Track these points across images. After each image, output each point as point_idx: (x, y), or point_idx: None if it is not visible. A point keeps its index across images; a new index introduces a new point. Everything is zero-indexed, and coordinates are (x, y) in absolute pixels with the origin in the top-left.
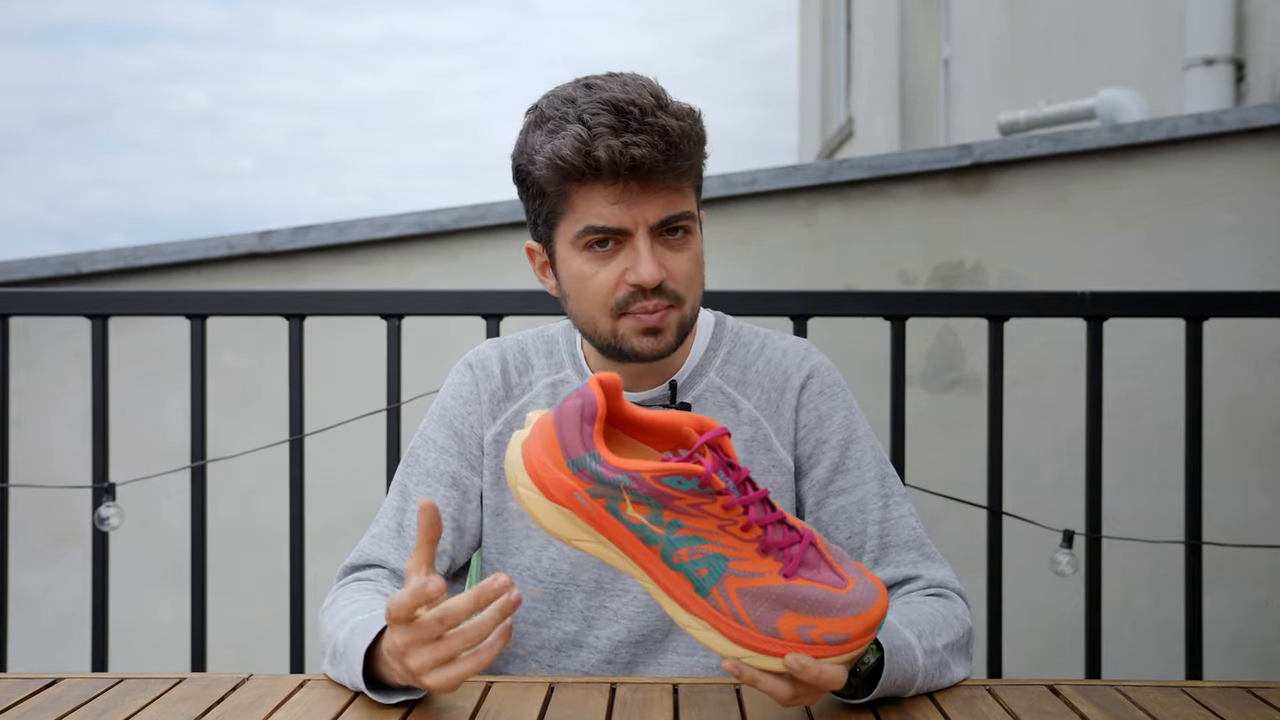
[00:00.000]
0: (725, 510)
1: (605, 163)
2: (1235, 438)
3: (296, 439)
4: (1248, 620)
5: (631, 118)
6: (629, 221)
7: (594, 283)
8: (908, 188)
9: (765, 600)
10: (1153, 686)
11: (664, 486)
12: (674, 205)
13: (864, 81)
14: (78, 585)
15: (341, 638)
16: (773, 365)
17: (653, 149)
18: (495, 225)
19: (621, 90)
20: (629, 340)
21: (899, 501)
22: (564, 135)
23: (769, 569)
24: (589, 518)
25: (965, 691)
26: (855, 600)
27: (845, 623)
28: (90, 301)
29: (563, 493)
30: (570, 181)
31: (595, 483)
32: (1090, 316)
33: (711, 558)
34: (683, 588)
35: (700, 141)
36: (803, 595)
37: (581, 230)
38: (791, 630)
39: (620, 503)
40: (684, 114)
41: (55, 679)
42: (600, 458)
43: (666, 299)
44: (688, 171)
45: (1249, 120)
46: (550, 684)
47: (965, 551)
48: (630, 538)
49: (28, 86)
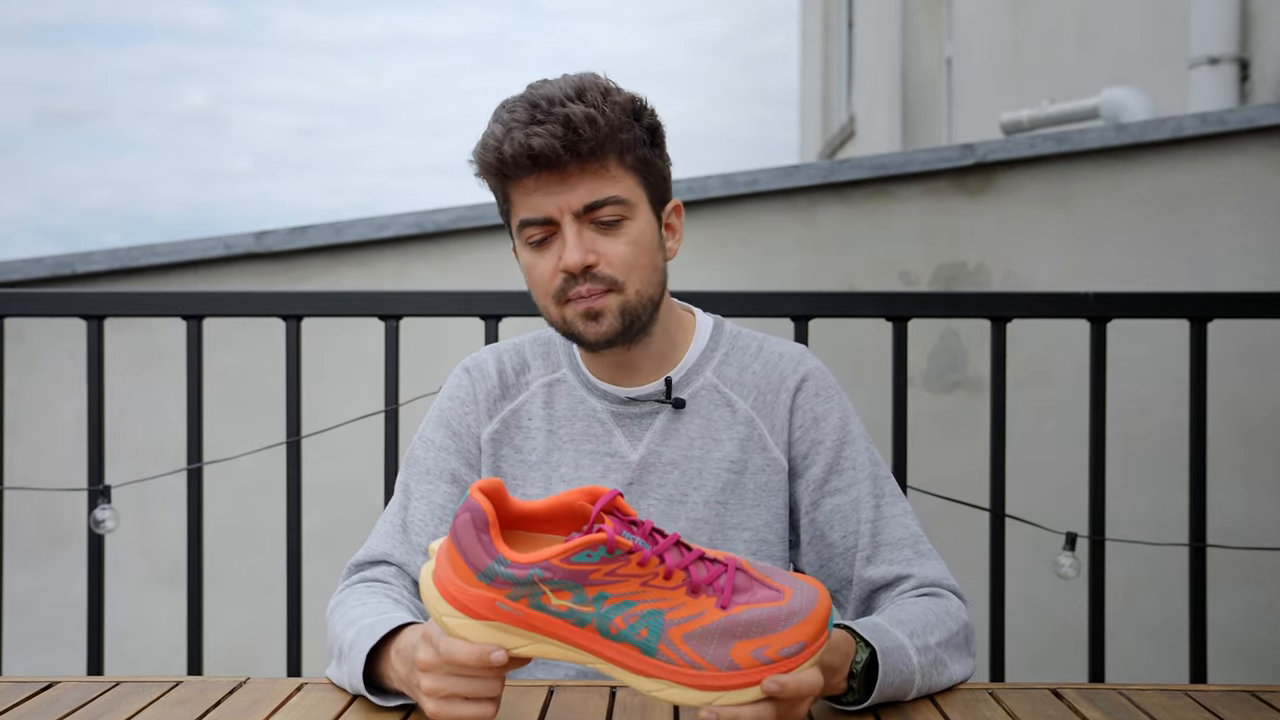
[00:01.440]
0: (642, 566)
1: (509, 156)
2: (1239, 439)
3: (294, 441)
4: (1252, 623)
5: (539, 109)
6: (553, 210)
7: (536, 273)
8: (910, 188)
9: (712, 637)
10: (1156, 690)
11: (576, 565)
12: (596, 190)
13: (865, 80)
14: (73, 588)
15: (349, 639)
16: (769, 367)
17: (550, 137)
18: (494, 225)
19: (551, 86)
20: (575, 325)
21: (892, 501)
22: (485, 135)
23: (705, 606)
24: (519, 621)
25: (967, 695)
26: (797, 607)
27: (795, 632)
28: (86, 302)
29: (485, 607)
30: (498, 179)
31: (511, 585)
32: (1093, 317)
33: (646, 616)
34: (631, 655)
35: (621, 127)
36: (745, 620)
37: (519, 224)
38: (747, 657)
39: (542, 596)
40: (606, 100)
41: (50, 682)
42: (506, 560)
43: (601, 284)
44: (601, 154)
45: (1254, 120)
46: (550, 687)
47: (967, 554)
48: (564, 626)
49: (24, 85)
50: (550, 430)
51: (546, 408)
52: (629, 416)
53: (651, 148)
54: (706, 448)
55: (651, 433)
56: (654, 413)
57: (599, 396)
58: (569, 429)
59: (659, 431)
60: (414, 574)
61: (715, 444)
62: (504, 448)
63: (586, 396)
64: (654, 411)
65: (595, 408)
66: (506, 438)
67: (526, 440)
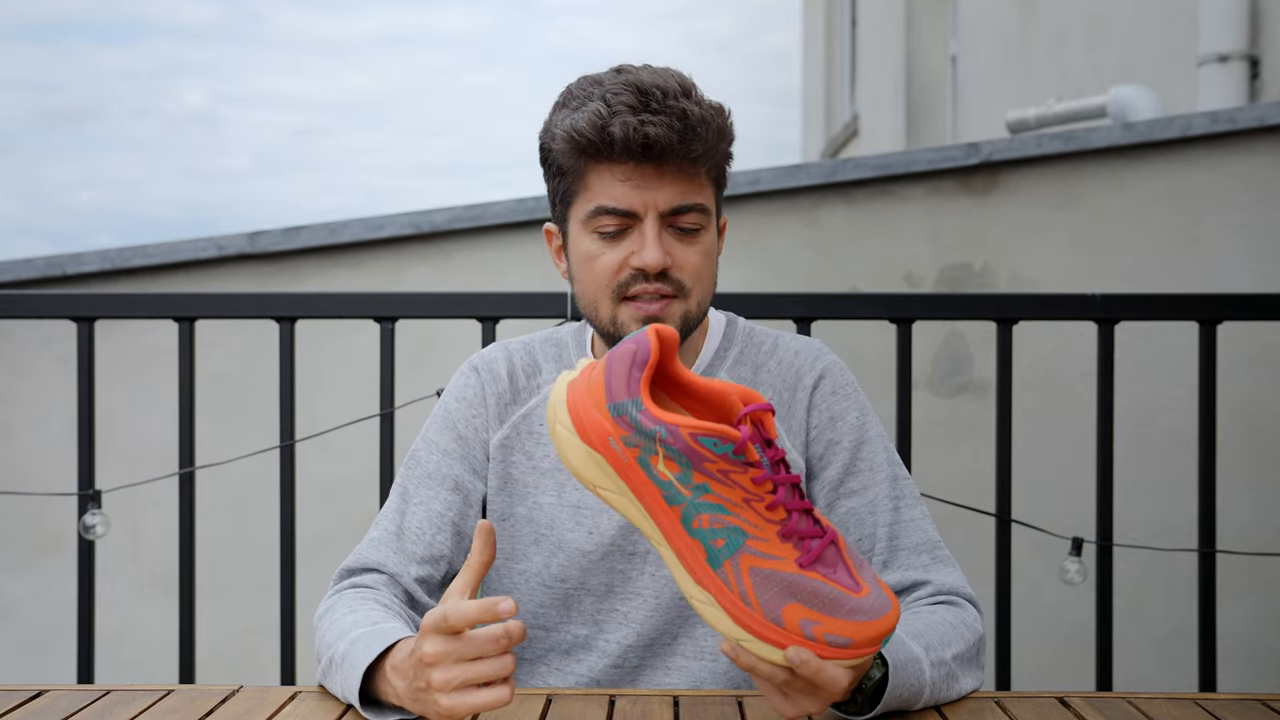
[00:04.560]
0: (754, 484)
1: (619, 139)
2: (1249, 443)
3: (287, 445)
4: (1263, 631)
5: (653, 99)
6: (639, 204)
7: (599, 264)
8: (914, 187)
9: (776, 585)
10: (1165, 699)
11: (699, 445)
12: (687, 194)
13: (869, 78)
14: (63, 594)
15: (341, 649)
16: (785, 365)
17: (669, 129)
18: (491, 226)
19: (650, 76)
20: (628, 327)
21: (910, 504)
22: (584, 111)
23: (786, 554)
24: (619, 466)
25: (973, 704)
26: (867, 607)
27: (852, 626)
28: (76, 304)
29: (598, 436)
30: (586, 159)
31: (632, 430)
32: (1101, 319)
33: (731, 530)
34: (696, 555)
35: (722, 135)
36: (814, 589)
37: (592, 210)
38: (795, 622)
39: (653, 455)
40: (709, 105)
41: (40, 691)
42: (642, 405)
43: (670, 287)
44: (704, 160)
45: (1264, 118)
46: (548, 695)
47: (973, 560)
48: (655, 493)
49: (18, 84)
50: None
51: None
52: None
53: (728, 161)
54: None
55: None
56: None
57: None
58: None
59: None
60: (406, 585)
61: None
62: (515, 454)
63: None
64: None
65: None
66: (518, 443)
67: (539, 446)
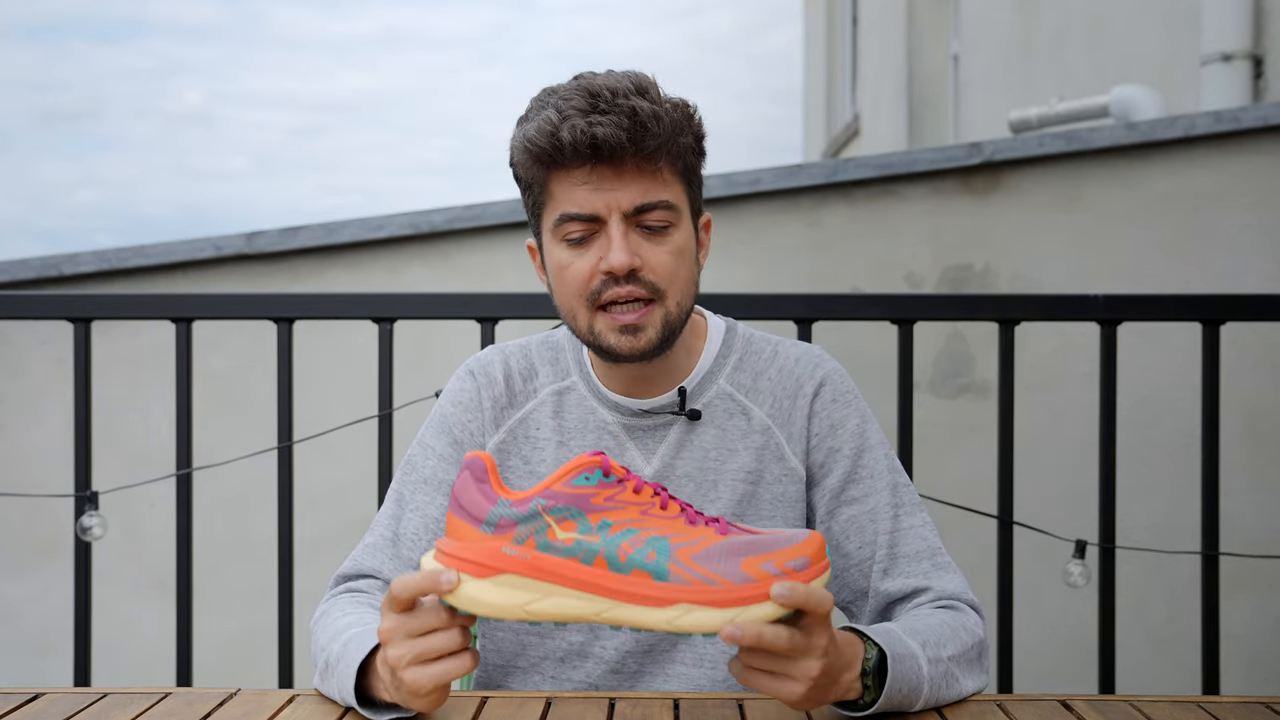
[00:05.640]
0: (637, 494)
1: (568, 143)
2: (1253, 445)
3: (285, 446)
4: (1266, 633)
5: (602, 99)
6: (601, 206)
7: (570, 272)
8: (915, 187)
9: (719, 555)
10: (1168, 702)
11: (575, 488)
12: (649, 192)
13: (870, 78)
14: (60, 596)
15: (335, 651)
16: (785, 373)
17: (616, 128)
18: (490, 226)
19: (605, 79)
20: (605, 337)
21: (910, 511)
22: (536, 121)
23: (705, 534)
24: (526, 568)
25: (975, 707)
26: (791, 535)
27: (796, 549)
28: (72, 304)
29: (491, 557)
30: (544, 168)
31: (516, 525)
32: (1103, 320)
33: (653, 539)
34: (643, 585)
35: (679, 129)
36: (747, 541)
37: (558, 219)
38: (758, 569)
39: (547, 530)
40: (664, 100)
41: (36, 694)
42: (507, 501)
43: (643, 289)
44: (659, 155)
45: (1268, 118)
46: (547, 699)
47: (975, 562)
48: (573, 566)
49: (16, 84)
50: (561, 442)
51: (556, 417)
52: (642, 429)
53: (697, 156)
54: (722, 459)
55: (665, 445)
56: (668, 424)
57: (610, 408)
58: (579, 442)
59: (673, 444)
60: None
61: (731, 455)
62: (511, 459)
63: (597, 408)
64: (668, 423)
65: (606, 420)
66: (514, 448)
67: (535, 451)
